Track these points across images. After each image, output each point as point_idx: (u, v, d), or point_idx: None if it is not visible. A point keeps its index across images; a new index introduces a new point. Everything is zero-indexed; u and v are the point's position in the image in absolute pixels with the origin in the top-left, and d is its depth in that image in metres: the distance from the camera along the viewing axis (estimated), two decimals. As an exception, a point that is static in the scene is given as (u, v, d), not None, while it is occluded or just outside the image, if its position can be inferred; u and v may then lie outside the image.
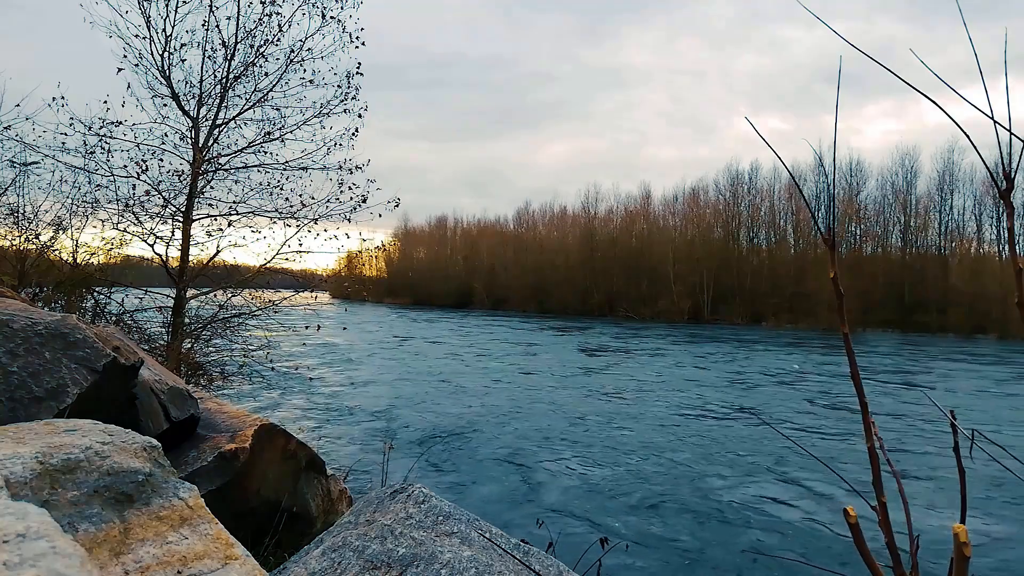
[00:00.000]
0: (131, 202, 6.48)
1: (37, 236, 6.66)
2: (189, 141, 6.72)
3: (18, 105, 6.05)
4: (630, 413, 9.66)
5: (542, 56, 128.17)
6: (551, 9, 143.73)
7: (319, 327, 7.27)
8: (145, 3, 6.24)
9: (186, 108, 6.68)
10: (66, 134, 6.16)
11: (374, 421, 8.70)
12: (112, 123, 6.33)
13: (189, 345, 6.81)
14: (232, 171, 7.00)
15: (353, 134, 7.10)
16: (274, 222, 7.07)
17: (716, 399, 11.19)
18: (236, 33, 6.60)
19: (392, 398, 10.52)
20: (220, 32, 6.57)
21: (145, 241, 6.62)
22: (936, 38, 71.99)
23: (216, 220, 6.94)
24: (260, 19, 6.67)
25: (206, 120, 6.76)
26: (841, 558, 4.48)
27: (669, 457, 7.15)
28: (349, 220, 7.09)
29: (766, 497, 5.83)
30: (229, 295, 7.07)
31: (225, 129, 6.90)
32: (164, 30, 6.36)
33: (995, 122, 0.64)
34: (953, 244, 42.28)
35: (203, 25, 6.52)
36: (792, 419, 9.63)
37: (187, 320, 6.86)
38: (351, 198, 7.03)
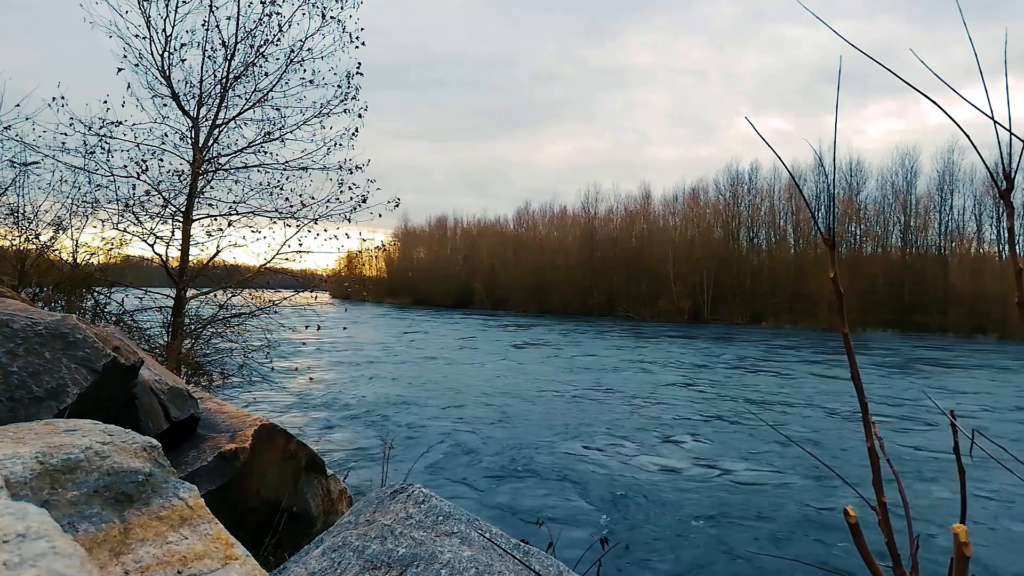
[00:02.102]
0: (131, 202, 6.49)
1: (37, 236, 6.65)
2: (189, 141, 6.73)
3: (18, 105, 6.06)
4: (633, 413, 9.66)
5: (543, 56, 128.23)
6: (552, 9, 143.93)
7: (319, 327, 7.27)
8: (145, 3, 6.25)
9: (186, 108, 6.68)
10: (66, 134, 6.17)
11: (374, 421, 8.70)
12: (112, 123, 6.33)
13: (189, 345, 6.81)
14: (232, 171, 7.01)
15: (353, 134, 7.11)
16: (274, 222, 7.08)
17: (717, 398, 11.20)
18: (236, 33, 6.61)
19: (392, 398, 10.52)
20: (220, 32, 6.58)
21: (145, 241, 6.63)
22: (936, 38, 72.11)
23: (216, 220, 6.95)
24: (260, 19, 6.68)
25: (206, 120, 6.77)
26: (842, 558, 4.48)
27: (674, 458, 7.15)
28: (349, 220, 7.10)
29: (769, 496, 5.83)
30: (229, 295, 7.08)
31: (225, 129, 6.91)
32: (164, 30, 6.37)
33: (995, 122, 0.64)
34: (953, 244, 42.26)
35: (203, 25, 6.53)
36: (792, 418, 9.63)
37: (187, 320, 6.86)
38: (351, 198, 7.04)
